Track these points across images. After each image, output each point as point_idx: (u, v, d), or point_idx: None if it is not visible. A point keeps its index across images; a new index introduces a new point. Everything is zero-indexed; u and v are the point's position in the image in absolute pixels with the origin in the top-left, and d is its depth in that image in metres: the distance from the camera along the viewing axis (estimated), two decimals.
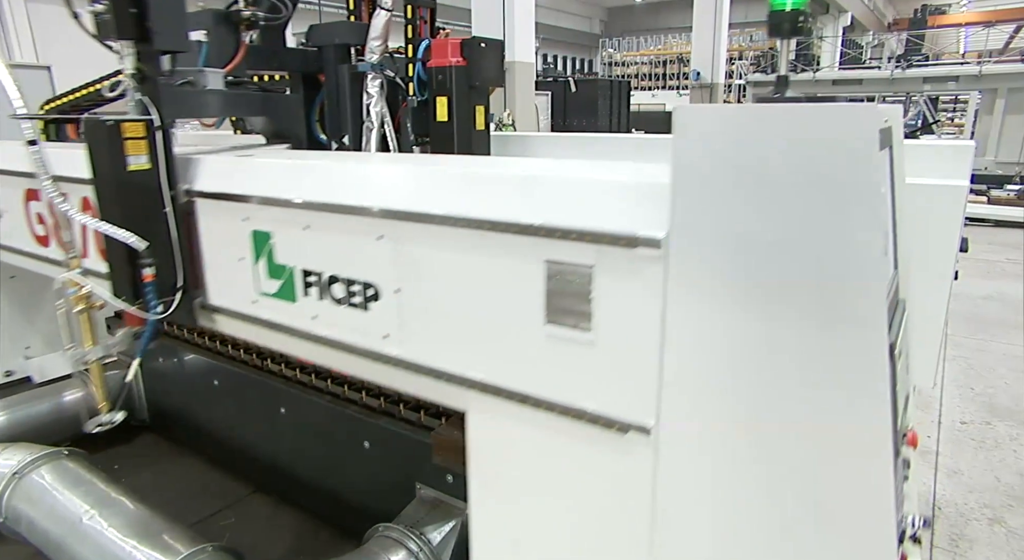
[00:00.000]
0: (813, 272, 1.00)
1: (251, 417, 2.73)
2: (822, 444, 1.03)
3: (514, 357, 1.34)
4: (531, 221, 1.25)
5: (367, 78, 2.23)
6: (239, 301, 1.85)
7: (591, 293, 1.20)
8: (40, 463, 2.32)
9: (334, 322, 1.65)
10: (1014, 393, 3.72)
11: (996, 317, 5.07)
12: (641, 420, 1.18)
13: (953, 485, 2.84)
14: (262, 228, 1.72)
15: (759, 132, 1.01)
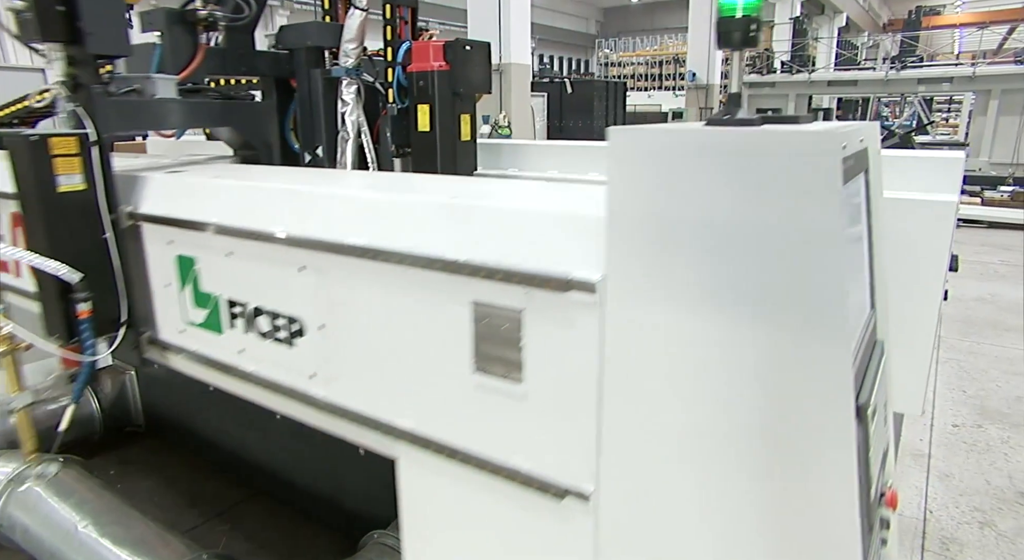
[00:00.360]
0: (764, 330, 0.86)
1: (246, 423, 2.73)
2: (781, 520, 0.90)
3: (443, 407, 1.20)
4: (456, 257, 1.09)
5: (342, 84, 2.05)
6: (167, 330, 1.70)
7: (521, 340, 1.05)
8: (36, 470, 2.32)
9: (260, 357, 1.52)
10: (1005, 395, 3.75)
11: (988, 319, 5.10)
12: (579, 485, 1.03)
13: (944, 488, 2.86)
14: (187, 253, 1.56)
15: (702, 165, 0.86)
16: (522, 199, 1.17)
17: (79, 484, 2.31)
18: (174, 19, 1.81)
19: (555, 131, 13.40)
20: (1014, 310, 5.30)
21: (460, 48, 1.99)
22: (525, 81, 9.79)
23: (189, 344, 1.66)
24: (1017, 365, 4.18)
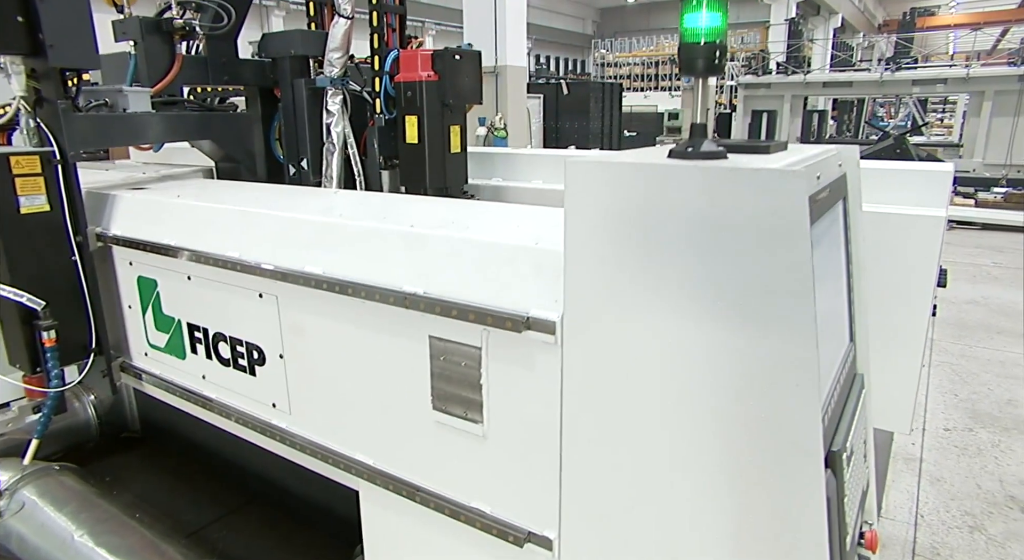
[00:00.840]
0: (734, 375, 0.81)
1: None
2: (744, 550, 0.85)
3: (403, 443, 1.16)
4: (413, 290, 1.04)
5: (327, 94, 1.97)
6: (132, 352, 1.65)
7: (480, 379, 1.00)
8: (32, 479, 2.32)
9: (223, 384, 1.49)
10: (997, 399, 3.78)
11: (981, 322, 5.14)
12: (541, 529, 0.98)
13: (936, 492, 2.88)
14: (147, 275, 1.53)
15: (663, 202, 0.78)
16: (487, 229, 1.09)
17: (75, 493, 2.31)
18: (149, 28, 1.74)
19: (551, 132, 13.42)
20: (1006, 313, 5.34)
21: (450, 57, 1.91)
22: (521, 83, 9.81)
23: (152, 368, 1.62)
24: (1008, 368, 4.21)
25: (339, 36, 1.93)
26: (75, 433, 3.05)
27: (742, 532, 0.83)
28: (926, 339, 1.48)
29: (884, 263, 1.40)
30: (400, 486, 1.17)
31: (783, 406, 0.78)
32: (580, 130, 13.70)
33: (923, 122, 18.72)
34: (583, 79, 30.65)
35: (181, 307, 1.49)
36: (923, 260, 1.45)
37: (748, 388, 0.79)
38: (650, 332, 0.82)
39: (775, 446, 0.79)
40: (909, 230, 1.45)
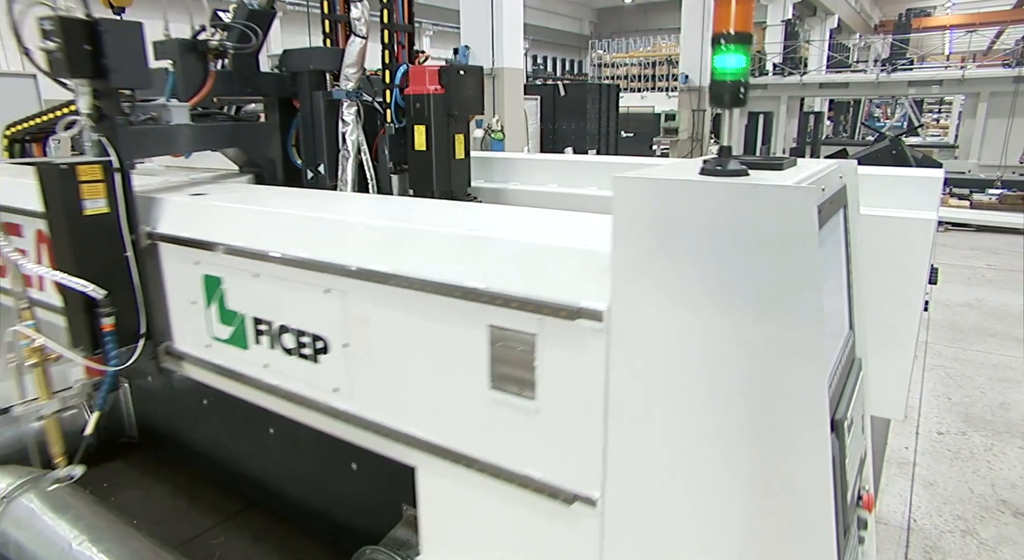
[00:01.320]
0: (752, 357, 0.96)
1: (240, 436, 2.75)
2: (767, 516, 0.98)
3: (460, 420, 1.28)
4: (475, 285, 1.18)
5: (342, 105, 2.16)
6: (192, 344, 1.78)
7: (535, 361, 1.13)
8: (28, 487, 2.33)
9: (285, 372, 1.59)
10: (990, 402, 3.81)
11: (974, 325, 5.17)
12: (586, 491, 1.12)
13: (929, 497, 2.91)
14: (213, 273, 1.64)
15: (696, 211, 0.94)
16: (535, 232, 1.24)
17: (73, 500, 2.32)
18: (186, 49, 1.90)
19: (548, 134, 13.44)
20: (1000, 315, 5.37)
21: (455, 73, 2.08)
22: (518, 85, 9.83)
23: (214, 358, 1.74)
24: (1001, 371, 4.24)
25: (355, 53, 2.12)
26: (73, 440, 3.06)
27: (760, 489, 1.00)
28: (918, 332, 1.62)
29: (880, 262, 1.53)
30: (458, 458, 1.30)
31: (796, 381, 0.93)
32: (577, 131, 13.72)
33: (919, 124, 18.79)
34: (580, 80, 30.61)
35: (246, 302, 1.61)
36: (916, 259, 1.56)
37: (766, 367, 0.96)
38: (684, 320, 0.99)
39: (789, 415, 0.96)
40: (902, 232, 1.56)
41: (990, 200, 10.32)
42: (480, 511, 1.30)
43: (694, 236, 0.95)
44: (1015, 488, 2.95)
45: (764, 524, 0.99)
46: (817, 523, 0.95)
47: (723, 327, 0.96)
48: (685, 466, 1.02)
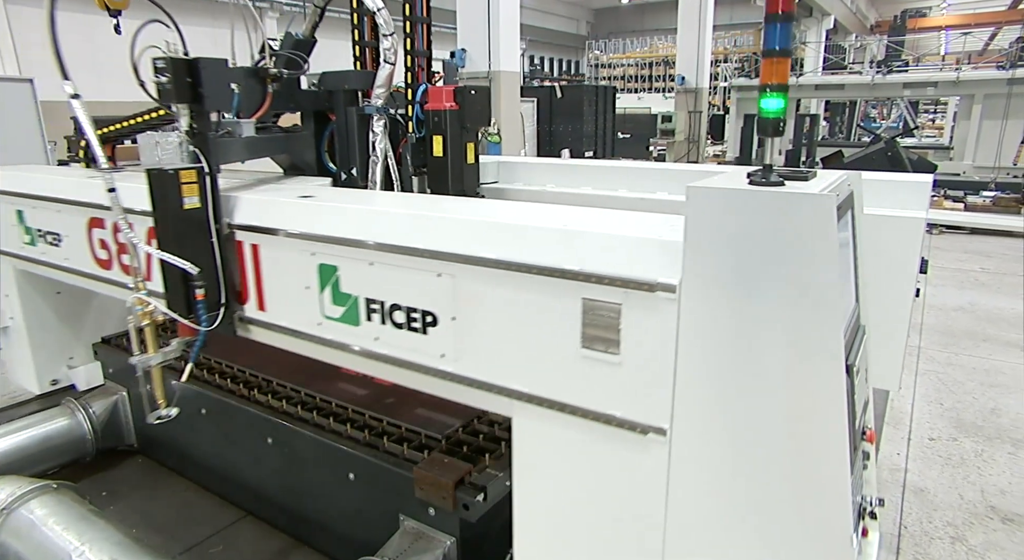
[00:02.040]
0: (788, 315, 1.28)
1: (238, 446, 2.78)
2: (796, 440, 1.31)
3: (554, 374, 1.57)
4: (571, 267, 1.48)
5: (373, 119, 2.52)
6: (304, 323, 2.06)
7: (620, 325, 1.45)
8: (29, 497, 2.36)
9: (394, 343, 1.85)
10: (981, 408, 3.85)
11: (967, 329, 5.21)
12: (659, 423, 1.44)
13: (919, 503, 2.94)
14: (328, 262, 1.94)
15: (749, 213, 1.29)
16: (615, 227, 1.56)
17: (72, 511, 2.35)
18: (249, 74, 2.29)
19: (545, 136, 13.46)
20: (992, 319, 5.42)
21: (467, 92, 2.50)
22: (514, 88, 9.85)
23: (325, 334, 2.00)
24: (993, 376, 4.28)
25: (384, 77, 2.50)
26: (72, 448, 3.08)
27: (793, 416, 1.30)
28: (911, 314, 1.92)
29: (878, 254, 1.83)
30: (551, 404, 1.57)
31: (821, 334, 1.25)
32: (574, 133, 13.74)
33: (914, 126, 18.85)
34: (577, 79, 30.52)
35: (360, 286, 1.88)
36: (908, 251, 1.88)
37: (799, 323, 1.26)
38: (735, 289, 1.31)
39: (816, 360, 1.26)
40: (897, 228, 1.87)
41: (984, 202, 10.37)
42: (569, 446, 1.58)
43: (745, 229, 1.28)
44: (1004, 494, 2.99)
45: (795, 442, 1.31)
46: (835, 439, 1.27)
47: (766, 291, 1.29)
48: (734, 398, 1.35)
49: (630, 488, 1.51)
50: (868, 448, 1.60)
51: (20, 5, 17.93)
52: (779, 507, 1.34)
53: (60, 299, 3.46)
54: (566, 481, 1.63)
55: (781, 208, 1.24)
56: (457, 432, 2.33)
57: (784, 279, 1.26)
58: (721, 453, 1.38)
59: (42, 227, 2.91)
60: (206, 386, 2.83)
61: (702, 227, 1.31)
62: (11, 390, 4.23)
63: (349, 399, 2.54)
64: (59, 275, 2.92)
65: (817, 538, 1.32)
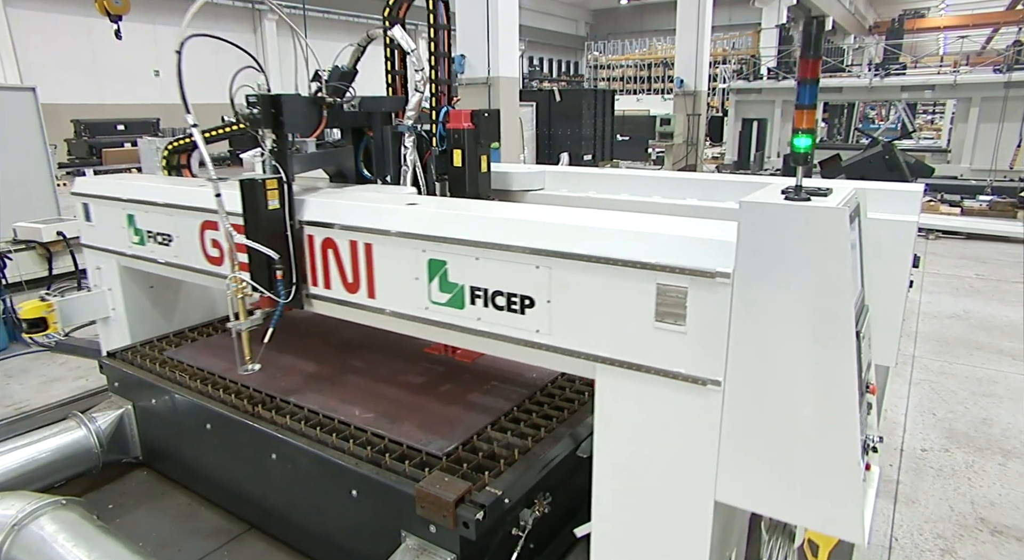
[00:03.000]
0: (813, 295, 1.64)
1: (242, 461, 2.83)
2: (818, 388, 1.68)
3: (632, 341, 1.95)
4: (648, 260, 1.87)
5: (405, 136, 3.09)
6: (412, 307, 2.41)
7: (686, 304, 1.83)
8: (39, 514, 2.41)
9: (495, 322, 2.22)
10: (972, 418, 3.90)
11: (961, 337, 5.26)
12: (715, 377, 1.81)
13: (910, 514, 3.00)
14: (438, 257, 2.31)
15: (783, 221, 1.67)
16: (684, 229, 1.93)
17: (81, 527, 2.40)
18: (311, 103, 2.85)
19: (544, 139, 13.51)
20: (986, 327, 5.47)
21: (481, 115, 3.04)
22: (513, 94, 9.90)
23: (432, 316, 2.35)
24: (985, 385, 4.34)
25: (414, 103, 3.09)
26: (80, 461, 3.14)
27: (816, 371, 1.66)
28: (905, 301, 2.36)
29: (877, 251, 2.19)
30: (630, 365, 1.95)
31: (838, 308, 1.61)
32: (573, 136, 13.79)
33: (912, 129, 18.89)
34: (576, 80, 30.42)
35: (466, 277, 2.25)
36: (902, 249, 2.28)
37: (821, 304, 1.63)
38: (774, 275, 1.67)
39: (835, 327, 1.62)
40: (893, 230, 2.27)
41: (980, 206, 10.43)
42: (644, 397, 1.96)
43: (782, 232, 1.66)
44: (993, 506, 3.05)
45: (818, 389, 1.67)
46: (848, 387, 1.65)
47: (797, 277, 1.64)
48: (771, 358, 1.72)
49: (691, 428, 1.89)
50: (870, 399, 2.01)
51: (19, 8, 17.97)
52: (806, 440, 1.72)
53: (153, 292, 3.91)
54: (640, 426, 2.00)
55: (808, 218, 1.63)
56: (457, 450, 2.39)
57: (810, 269, 1.64)
58: (761, 399, 1.75)
59: (153, 229, 3.33)
60: (211, 401, 2.88)
61: (750, 231, 1.69)
62: (16, 401, 4.29)
63: (352, 415, 2.60)
64: (166, 270, 3.38)
65: (835, 462, 1.69)
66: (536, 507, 2.29)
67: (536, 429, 2.52)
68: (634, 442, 2.02)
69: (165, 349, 3.41)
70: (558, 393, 2.82)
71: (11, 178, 6.74)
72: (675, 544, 1.99)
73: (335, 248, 2.58)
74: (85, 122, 17.85)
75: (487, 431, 2.54)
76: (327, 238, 2.59)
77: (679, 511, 1.96)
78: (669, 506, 1.98)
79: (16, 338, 5.23)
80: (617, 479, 2.08)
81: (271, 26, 23.85)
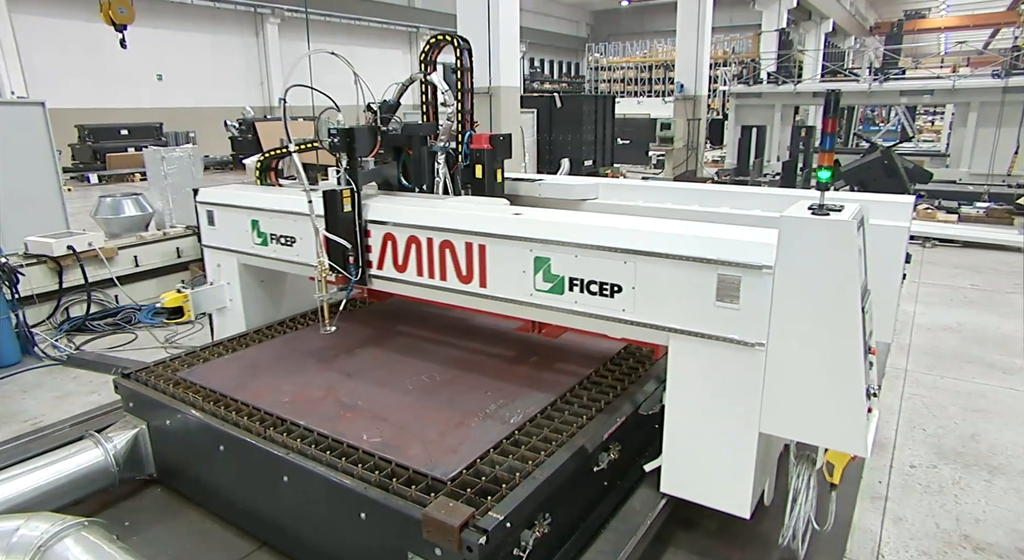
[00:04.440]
0: (829, 281, 2.26)
1: (254, 482, 2.94)
2: (835, 346, 2.30)
3: (698, 316, 2.56)
4: (712, 257, 2.49)
5: (438, 154, 3.94)
6: (518, 294, 3.02)
7: (740, 288, 2.44)
8: (63, 535, 2.51)
9: (588, 304, 2.82)
10: (961, 433, 4.00)
11: (953, 350, 5.35)
12: (761, 341, 2.43)
13: (897, 532, 3.10)
14: (543, 256, 2.91)
15: (810, 231, 2.29)
16: (738, 234, 2.55)
17: (103, 548, 2.51)
18: (371, 131, 3.64)
19: (544, 145, 13.59)
20: (979, 340, 5.57)
21: (499, 138, 3.93)
22: (514, 102, 10.00)
23: (535, 300, 2.97)
24: (974, 400, 4.44)
25: (445, 128, 3.97)
26: (97, 480, 3.25)
27: (832, 335, 2.29)
28: (900, 289, 3.07)
29: (876, 250, 2.69)
30: (696, 334, 2.57)
31: (847, 291, 2.25)
32: (573, 142, 13.88)
33: (911, 134, 18.94)
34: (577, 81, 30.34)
35: (566, 269, 2.85)
36: (896, 248, 3.01)
37: (836, 287, 2.26)
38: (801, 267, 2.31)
39: (845, 303, 2.25)
40: (888, 233, 2.95)
41: (978, 213, 10.51)
42: (708, 358, 2.57)
43: (809, 237, 2.29)
44: (978, 523, 3.16)
45: (835, 348, 2.30)
46: (855, 346, 2.27)
47: (818, 269, 2.27)
48: (801, 325, 2.34)
49: (742, 378, 2.50)
50: (872, 358, 2.55)
51: (24, 14, 18.09)
52: (826, 384, 2.34)
53: (263, 285, 4.54)
54: (703, 379, 2.60)
55: (828, 228, 2.27)
56: (461, 474, 2.50)
57: (828, 263, 2.25)
58: (794, 356, 2.38)
59: (276, 232, 3.95)
60: (224, 423, 2.99)
61: (786, 236, 2.32)
62: (32, 416, 4.41)
63: (360, 439, 2.71)
64: (288, 267, 4.08)
65: (846, 399, 2.32)
66: (536, 528, 2.40)
67: (536, 452, 2.63)
68: (699, 391, 2.62)
69: (178, 369, 3.53)
70: (557, 416, 2.94)
71: (20, 193, 6.86)
72: (729, 467, 2.60)
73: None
74: (89, 127, 17.96)
75: (490, 454, 2.65)
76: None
77: (732, 441, 2.56)
78: (725, 438, 2.58)
79: (29, 352, 5.35)
80: (686, 420, 2.69)
81: (273, 30, 23.95)
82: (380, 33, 27.90)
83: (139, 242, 6.77)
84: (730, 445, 2.56)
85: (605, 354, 3.54)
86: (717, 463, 2.62)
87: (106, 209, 7.11)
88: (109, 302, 6.38)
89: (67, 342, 5.65)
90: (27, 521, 2.60)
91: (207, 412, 3.09)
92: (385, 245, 3.39)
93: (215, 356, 3.71)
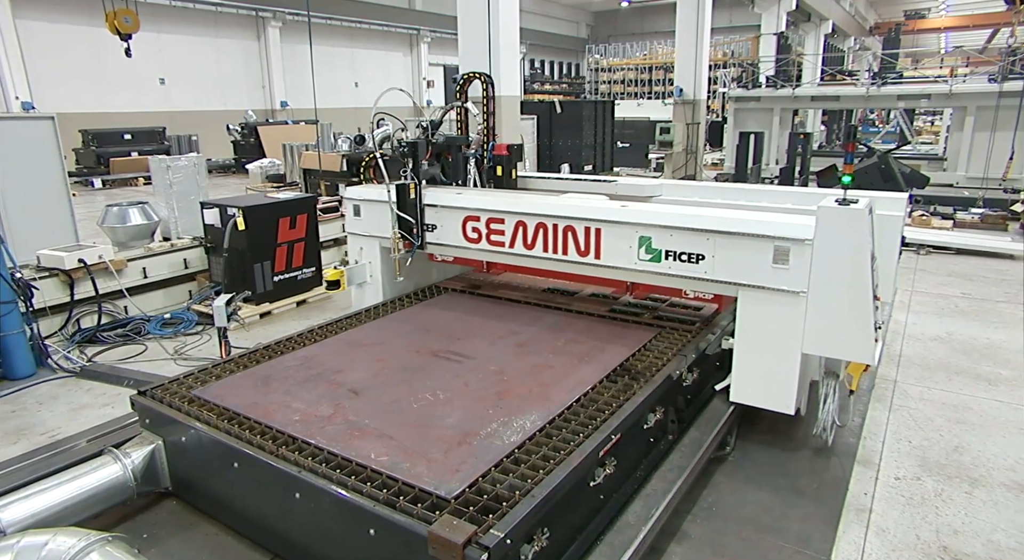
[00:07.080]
0: (849, 250, 3.33)
1: (267, 497, 3.08)
2: (852, 293, 3.36)
3: (760, 274, 3.64)
4: (770, 234, 3.56)
5: (471, 160, 5.41)
6: (625, 263, 4.16)
7: (789, 255, 3.49)
8: (89, 550, 2.66)
9: (678, 269, 3.94)
10: (946, 445, 4.14)
11: (941, 361, 5.48)
12: (803, 290, 3.50)
13: (880, 544, 3.24)
14: (645, 235, 4.03)
15: (839, 216, 3.35)
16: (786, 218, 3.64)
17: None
18: (424, 143, 4.97)
19: (545, 150, 13.73)
20: (967, 351, 5.70)
21: (515, 148, 5.48)
22: (515, 110, 10.14)
23: (639, 267, 4.12)
24: (960, 412, 4.57)
25: (476, 140, 5.49)
26: (115, 494, 3.40)
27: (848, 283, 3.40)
28: (897, 265, 4.12)
29: (880, 232, 3.66)
30: (759, 287, 3.67)
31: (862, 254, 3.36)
32: (573, 147, 14.02)
33: (910, 138, 19.05)
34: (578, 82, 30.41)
35: (663, 244, 3.97)
36: (893, 231, 4.04)
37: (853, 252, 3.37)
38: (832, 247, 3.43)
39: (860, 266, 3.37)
40: (888, 221, 3.96)
41: (972, 219, 10.64)
42: (767, 304, 3.68)
43: (836, 222, 3.37)
44: (957, 534, 3.30)
45: (851, 292, 3.38)
46: (866, 292, 3.37)
47: (841, 242, 3.35)
48: (830, 278, 3.41)
49: (791, 315, 3.57)
50: (877, 303, 3.52)
51: (27, 19, 18.22)
52: (847, 317, 3.41)
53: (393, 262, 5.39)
54: (764, 318, 3.69)
55: (850, 214, 3.29)
56: (464, 492, 2.65)
57: (848, 238, 3.29)
58: (826, 300, 3.43)
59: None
60: (238, 441, 3.14)
61: (821, 220, 3.35)
62: (48, 429, 4.57)
63: (368, 458, 2.87)
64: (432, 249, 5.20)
65: (860, 327, 3.39)
66: (535, 543, 2.55)
67: (535, 471, 2.78)
68: (760, 326, 3.72)
69: (193, 387, 3.68)
70: (555, 434, 3.09)
71: (31, 205, 7.01)
72: (781, 378, 3.71)
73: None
74: (93, 132, 18.07)
75: (491, 473, 2.79)
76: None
77: (783, 359, 3.66)
78: (778, 357, 3.68)
79: (43, 364, 5.50)
80: (750, 348, 3.79)
81: (275, 33, 24.05)
82: (381, 36, 28.02)
83: (147, 254, 6.92)
84: (782, 363, 3.65)
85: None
86: (771, 377, 3.73)
87: (113, 218, 7.25)
88: (118, 313, 6.54)
89: (79, 354, 5.80)
90: (55, 536, 2.75)
91: (221, 430, 3.24)
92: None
93: (227, 373, 3.86)
